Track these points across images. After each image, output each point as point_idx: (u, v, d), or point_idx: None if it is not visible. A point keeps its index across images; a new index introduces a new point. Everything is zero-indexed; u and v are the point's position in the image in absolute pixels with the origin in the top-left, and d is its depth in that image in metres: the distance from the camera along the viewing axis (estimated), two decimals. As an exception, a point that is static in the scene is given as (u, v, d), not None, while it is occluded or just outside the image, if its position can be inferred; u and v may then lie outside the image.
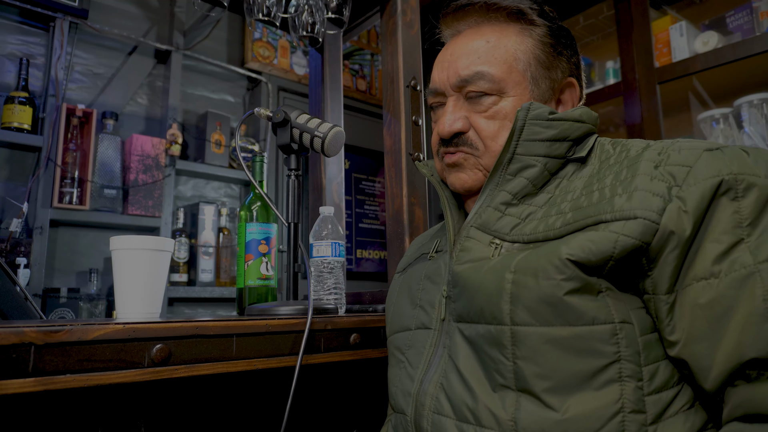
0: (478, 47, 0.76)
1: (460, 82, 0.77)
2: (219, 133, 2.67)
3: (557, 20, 0.81)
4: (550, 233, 0.64)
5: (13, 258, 1.97)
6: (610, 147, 0.71)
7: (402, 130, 1.30)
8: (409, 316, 0.81)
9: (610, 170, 0.66)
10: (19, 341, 0.61)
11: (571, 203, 0.65)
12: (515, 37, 0.77)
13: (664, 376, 0.59)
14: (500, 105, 0.75)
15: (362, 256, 3.29)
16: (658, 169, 0.60)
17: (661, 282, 0.58)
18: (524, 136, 0.70)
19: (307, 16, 1.41)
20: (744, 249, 0.55)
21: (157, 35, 2.66)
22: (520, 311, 0.62)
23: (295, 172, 1.07)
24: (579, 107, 0.74)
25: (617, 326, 0.58)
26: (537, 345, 0.60)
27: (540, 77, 0.76)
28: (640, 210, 0.58)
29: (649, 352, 0.59)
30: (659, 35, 2.25)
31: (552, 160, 0.71)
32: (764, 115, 1.94)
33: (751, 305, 0.53)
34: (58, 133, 2.15)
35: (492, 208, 0.72)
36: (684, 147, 0.61)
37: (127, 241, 0.95)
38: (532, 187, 0.71)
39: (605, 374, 0.58)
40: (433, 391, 0.70)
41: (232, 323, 0.79)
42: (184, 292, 2.43)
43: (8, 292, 1.00)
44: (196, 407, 0.86)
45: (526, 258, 0.63)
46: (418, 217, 1.29)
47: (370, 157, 3.43)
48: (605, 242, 0.58)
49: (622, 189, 0.61)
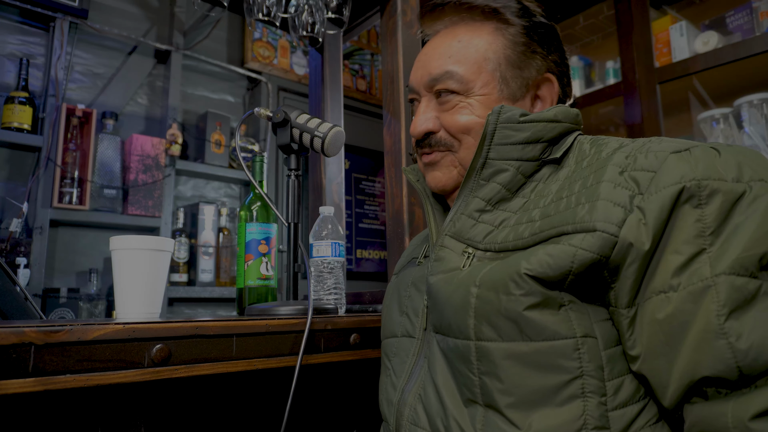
0: (450, 47, 0.76)
1: (430, 81, 0.77)
2: (219, 133, 2.67)
3: (539, 16, 0.78)
4: (519, 242, 0.62)
5: (13, 258, 1.97)
6: (588, 146, 0.69)
7: (402, 130, 1.30)
8: (397, 323, 0.81)
9: (580, 174, 0.64)
10: (19, 341, 0.61)
11: (541, 210, 0.64)
12: (487, 36, 0.76)
13: (629, 391, 0.57)
14: (467, 102, 0.75)
15: (362, 256, 3.29)
16: (623, 175, 0.58)
17: (622, 295, 0.57)
18: (496, 140, 0.69)
19: (307, 16, 1.41)
20: (705, 260, 0.52)
21: (157, 35, 2.66)
22: (483, 327, 0.61)
23: (295, 172, 1.07)
24: (555, 106, 0.72)
25: (579, 341, 0.57)
26: (499, 360, 0.60)
27: (510, 76, 0.75)
28: (600, 222, 0.56)
29: (613, 366, 0.57)
30: (659, 35, 2.25)
31: (525, 163, 0.69)
32: (764, 115, 1.94)
33: (705, 321, 0.51)
34: (58, 133, 2.15)
35: (466, 215, 0.71)
36: (652, 149, 0.59)
37: (127, 241, 0.95)
38: (506, 191, 0.70)
39: (567, 390, 0.57)
40: (412, 402, 0.70)
41: (232, 323, 0.79)
42: (184, 292, 2.43)
43: (8, 292, 1.00)
44: (196, 407, 0.86)
45: (491, 271, 0.62)
46: (418, 217, 1.29)
47: (370, 157, 3.43)
48: (563, 256, 0.56)
49: (585, 198, 0.59)
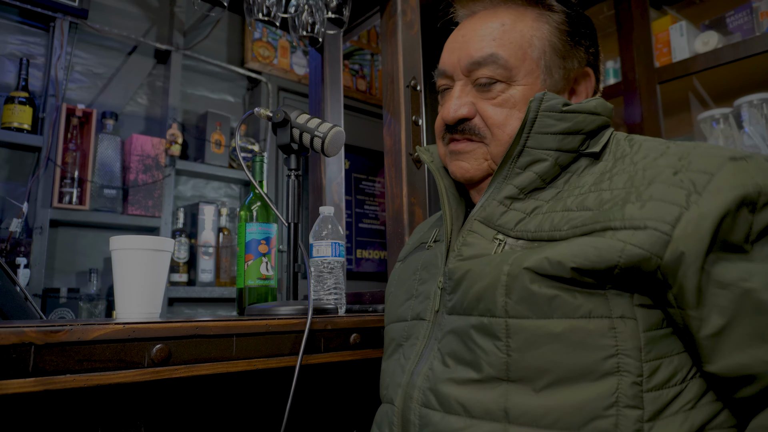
0: (493, 29, 0.73)
1: (470, 65, 0.73)
2: (219, 133, 2.67)
3: (578, 7, 0.77)
4: (555, 234, 0.62)
5: (13, 258, 1.97)
6: (626, 144, 0.68)
7: (402, 130, 1.30)
8: (406, 307, 0.80)
9: (624, 171, 0.63)
10: (19, 341, 0.61)
11: (577, 200, 0.63)
12: (532, 22, 0.73)
13: (667, 373, 0.57)
14: (509, 93, 0.72)
15: (362, 256, 3.29)
16: (678, 176, 0.58)
17: (688, 297, 0.56)
18: (536, 128, 0.67)
19: (307, 16, 1.41)
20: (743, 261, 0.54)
21: (157, 35, 2.66)
22: (516, 304, 0.61)
23: (295, 172, 1.07)
24: (594, 98, 0.71)
25: (615, 321, 0.57)
26: (532, 338, 0.59)
27: (554, 66, 0.73)
28: (652, 220, 0.56)
29: (653, 347, 0.57)
30: (659, 35, 2.25)
31: (564, 154, 0.68)
32: (764, 115, 1.94)
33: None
34: (58, 133, 2.15)
35: (497, 201, 0.70)
36: (707, 153, 0.59)
37: (127, 241, 0.95)
38: (540, 181, 0.69)
39: (602, 367, 0.56)
40: (421, 384, 0.69)
41: (232, 323, 0.79)
42: (184, 292, 2.43)
43: (8, 292, 1.00)
44: (196, 407, 0.86)
45: (526, 254, 0.62)
46: (418, 217, 1.29)
47: (370, 157, 3.43)
48: (610, 250, 0.56)
49: (635, 196, 0.59)
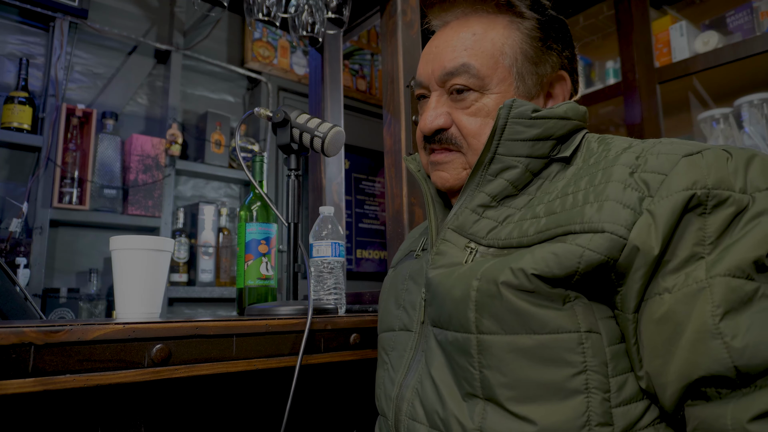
0: (465, 39, 0.74)
1: (444, 76, 0.74)
2: (219, 133, 2.67)
3: (550, 12, 0.77)
4: (524, 240, 0.62)
5: (13, 258, 1.97)
6: (596, 145, 0.68)
7: (402, 130, 1.30)
8: (394, 316, 0.80)
9: (587, 172, 0.63)
10: (19, 341, 0.61)
11: (545, 206, 0.63)
12: (503, 30, 0.74)
13: (634, 388, 0.57)
14: (483, 101, 0.73)
15: (362, 256, 3.29)
16: (633, 176, 0.58)
17: (628, 300, 0.56)
18: (506, 135, 0.67)
19: (307, 16, 1.41)
20: (701, 264, 0.53)
21: (157, 35, 2.66)
22: (485, 320, 0.60)
23: (295, 172, 1.07)
24: (564, 103, 0.71)
25: (583, 335, 0.57)
26: (502, 354, 0.59)
27: (526, 72, 0.73)
28: (609, 223, 0.55)
29: (617, 362, 0.57)
30: (659, 35, 2.25)
31: (534, 161, 0.68)
32: (764, 115, 1.94)
33: (700, 321, 0.51)
34: (58, 133, 2.15)
35: (470, 210, 0.70)
36: (663, 151, 0.58)
37: (127, 241, 0.95)
38: (512, 188, 0.69)
39: (571, 384, 0.56)
40: (410, 397, 0.69)
41: (232, 323, 0.79)
42: (184, 292, 2.43)
43: (8, 292, 0.99)
44: (196, 407, 0.86)
45: (494, 266, 0.61)
46: (418, 217, 1.29)
47: (370, 157, 3.43)
48: (570, 256, 0.56)
49: (594, 197, 0.59)
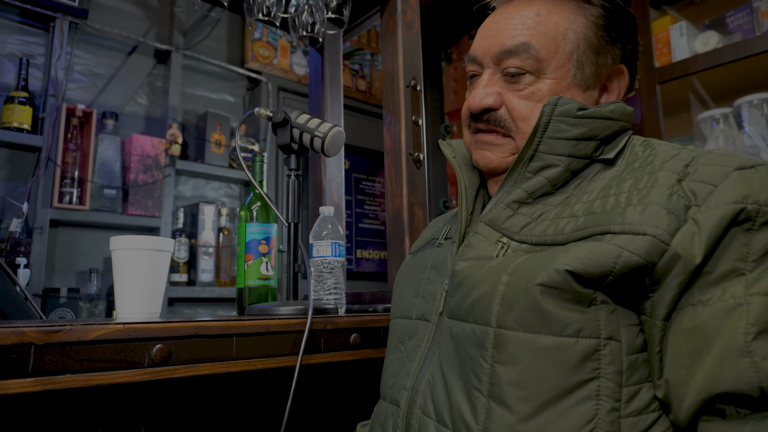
0: (527, 18, 0.71)
1: (501, 54, 0.72)
2: (219, 133, 2.67)
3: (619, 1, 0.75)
4: (558, 237, 0.60)
5: (13, 258, 1.97)
6: (641, 149, 0.66)
7: (402, 130, 1.30)
8: (411, 304, 0.79)
9: (632, 174, 0.62)
10: (19, 341, 0.61)
11: (584, 206, 0.62)
12: (568, 14, 0.71)
13: (645, 399, 0.56)
14: (537, 86, 0.71)
15: (362, 256, 3.29)
16: (681, 184, 0.56)
17: (660, 307, 0.55)
18: (548, 133, 0.66)
19: (307, 16, 1.41)
20: (740, 281, 0.52)
21: (157, 35, 2.66)
22: (508, 315, 0.59)
23: (295, 172, 1.07)
24: (612, 102, 0.69)
25: (602, 342, 0.55)
26: (517, 351, 0.57)
27: (586, 61, 0.71)
28: (651, 227, 0.54)
29: (633, 372, 0.56)
30: (659, 35, 2.25)
31: (576, 160, 0.66)
32: (764, 115, 1.94)
33: (731, 337, 0.50)
34: (58, 133, 2.15)
35: (504, 204, 0.69)
36: (714, 162, 0.57)
37: (127, 241, 0.95)
38: (550, 186, 0.67)
39: (582, 390, 0.55)
40: (423, 390, 0.68)
41: (232, 323, 0.79)
42: (184, 292, 2.43)
43: (8, 292, 1.00)
44: (196, 407, 0.86)
45: (526, 262, 0.60)
46: (418, 217, 1.29)
47: (370, 157, 3.43)
48: (607, 255, 0.54)
49: (638, 199, 0.57)
